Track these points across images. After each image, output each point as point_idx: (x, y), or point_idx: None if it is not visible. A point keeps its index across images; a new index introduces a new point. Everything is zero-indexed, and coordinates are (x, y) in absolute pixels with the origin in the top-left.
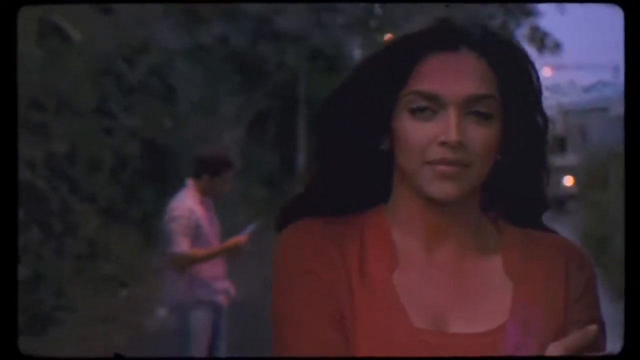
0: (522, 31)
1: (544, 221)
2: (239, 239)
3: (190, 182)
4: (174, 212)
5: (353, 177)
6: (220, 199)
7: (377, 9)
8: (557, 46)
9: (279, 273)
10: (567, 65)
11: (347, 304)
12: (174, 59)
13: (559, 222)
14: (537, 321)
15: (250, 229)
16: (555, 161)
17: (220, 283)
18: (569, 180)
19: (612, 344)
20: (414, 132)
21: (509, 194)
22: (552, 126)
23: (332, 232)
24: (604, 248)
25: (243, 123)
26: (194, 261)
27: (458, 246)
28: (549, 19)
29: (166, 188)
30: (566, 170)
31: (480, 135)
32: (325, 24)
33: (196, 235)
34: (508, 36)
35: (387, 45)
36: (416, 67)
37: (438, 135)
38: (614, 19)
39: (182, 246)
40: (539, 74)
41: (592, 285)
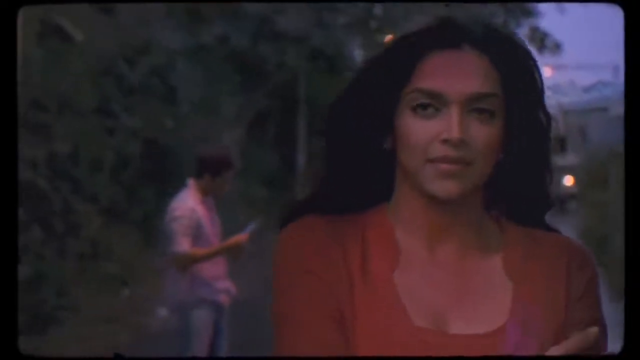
0: (522, 31)
1: (547, 220)
2: (239, 237)
3: (191, 182)
4: (175, 211)
5: (357, 177)
6: (221, 199)
7: (377, 9)
8: (557, 46)
9: (279, 272)
10: (567, 65)
11: (347, 303)
12: (175, 59)
13: (558, 222)
14: (537, 321)
15: (250, 227)
16: (555, 161)
17: (221, 282)
18: (569, 180)
19: (612, 344)
20: (416, 130)
21: (512, 192)
22: (554, 124)
23: (333, 230)
24: (604, 248)
25: (243, 123)
26: (195, 260)
27: (460, 245)
28: (549, 19)
29: (167, 188)
30: (566, 170)
31: (482, 133)
32: (325, 24)
33: (197, 235)
34: (510, 34)
35: (390, 45)
36: (418, 65)
37: (440, 133)
38: (614, 19)
39: (183, 246)
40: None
41: (594, 285)
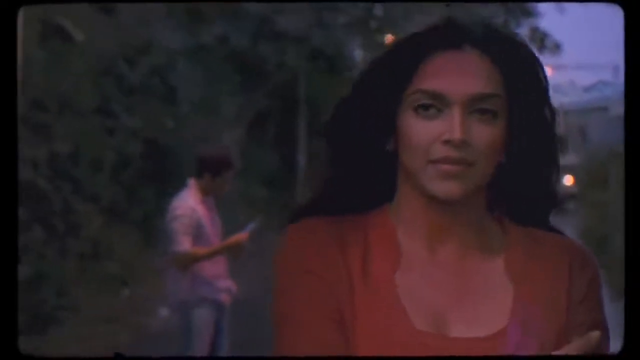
0: (522, 31)
1: (550, 221)
2: (240, 236)
3: (191, 182)
4: (176, 211)
5: (360, 179)
6: (221, 199)
7: (377, 9)
8: (556, 47)
9: (279, 273)
10: (567, 65)
11: (347, 304)
12: (175, 59)
13: (558, 222)
14: (538, 323)
15: (251, 226)
16: None
17: (222, 281)
18: (568, 180)
19: (612, 343)
20: (418, 131)
21: (516, 193)
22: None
23: (334, 231)
24: (604, 248)
25: (243, 123)
26: (196, 259)
27: (461, 246)
28: (549, 19)
29: (167, 188)
30: (566, 170)
31: (484, 134)
32: (325, 24)
33: (198, 235)
34: (512, 34)
35: (392, 46)
36: (420, 66)
37: (442, 134)
38: (614, 19)
39: (184, 245)
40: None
41: (596, 287)
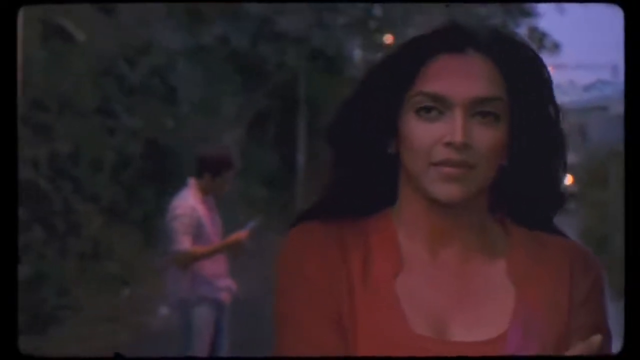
0: (521, 31)
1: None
2: (239, 235)
3: (192, 182)
4: (176, 210)
5: (362, 181)
6: (221, 199)
7: (377, 9)
8: (555, 46)
9: (280, 276)
10: (566, 64)
11: (347, 307)
12: (175, 59)
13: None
14: (539, 325)
15: (250, 225)
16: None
17: (222, 280)
18: (568, 179)
19: (612, 344)
20: (420, 133)
21: (519, 195)
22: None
23: (335, 234)
24: (603, 247)
25: (243, 123)
26: (196, 258)
27: (463, 249)
28: (548, 19)
29: (167, 188)
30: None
31: (486, 137)
32: (325, 24)
33: (198, 234)
34: (515, 36)
35: (394, 49)
36: (422, 69)
37: (443, 136)
38: (613, 18)
39: (184, 244)
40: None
41: (598, 290)
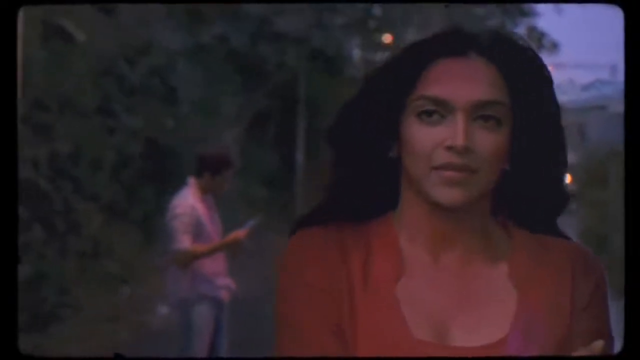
0: (519, 31)
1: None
2: (238, 233)
3: (191, 181)
4: (176, 209)
5: (364, 185)
6: (220, 198)
7: (376, 9)
8: (554, 46)
9: (280, 279)
10: (565, 64)
11: (346, 312)
12: (175, 59)
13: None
14: (540, 329)
15: (249, 224)
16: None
17: (221, 279)
18: (566, 179)
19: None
20: (421, 137)
21: (522, 200)
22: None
23: (336, 239)
24: (603, 247)
25: (243, 123)
26: (196, 257)
27: (464, 253)
28: (547, 18)
29: (167, 187)
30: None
31: (488, 141)
32: (324, 24)
33: (198, 233)
34: (518, 39)
35: (396, 53)
36: (424, 73)
37: (445, 140)
38: (611, 18)
39: (184, 243)
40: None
41: (601, 294)
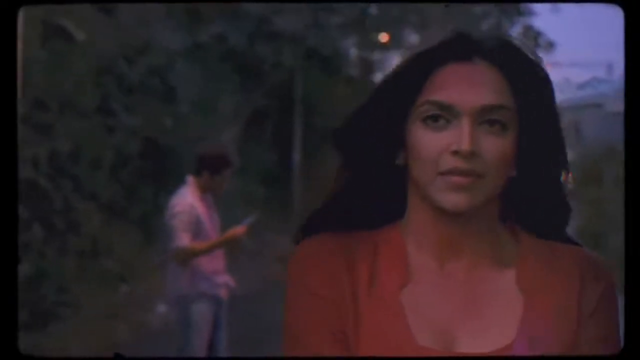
0: (516, 30)
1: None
2: (237, 230)
3: (190, 180)
4: (176, 208)
5: (372, 193)
6: (219, 197)
7: (373, 8)
8: (550, 45)
9: (287, 287)
10: (561, 62)
11: (351, 319)
12: (174, 58)
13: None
14: (546, 336)
15: (248, 221)
16: None
17: (220, 277)
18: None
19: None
20: (427, 142)
21: (530, 206)
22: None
23: (343, 246)
24: (598, 245)
25: (241, 122)
26: (195, 254)
27: (471, 258)
28: (543, 17)
29: (166, 186)
30: None
31: (494, 146)
32: (321, 24)
33: (197, 231)
34: (522, 45)
35: (402, 60)
36: (430, 78)
37: (451, 145)
38: (608, 17)
39: (184, 241)
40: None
41: (609, 300)
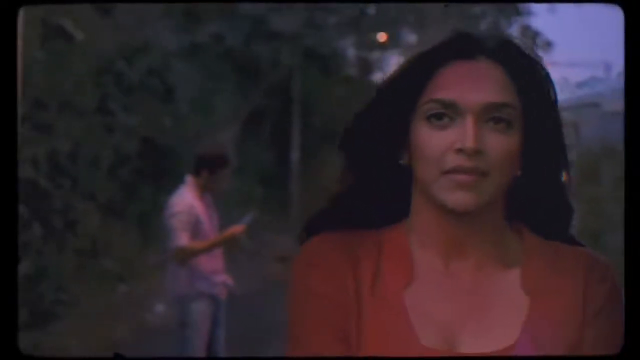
0: (514, 30)
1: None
2: (236, 229)
3: (189, 179)
4: (175, 207)
5: (376, 193)
6: (220, 197)
7: (370, 8)
8: (548, 45)
9: (291, 287)
10: (559, 62)
11: (354, 319)
12: (173, 58)
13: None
14: (549, 337)
15: (246, 219)
16: None
17: (219, 276)
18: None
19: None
20: (431, 141)
21: (535, 205)
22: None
23: (347, 246)
24: (597, 244)
25: (239, 121)
26: (194, 253)
27: (476, 258)
28: (541, 17)
29: (164, 185)
30: None
31: (499, 144)
32: (319, 23)
33: (196, 231)
34: (525, 45)
35: (405, 60)
36: (433, 77)
37: (455, 143)
38: (608, 17)
39: (183, 240)
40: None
41: (613, 301)
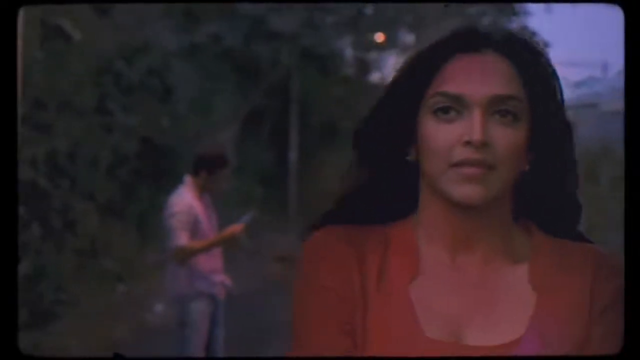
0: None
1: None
2: (235, 228)
3: (188, 179)
4: (174, 207)
5: (384, 190)
6: (218, 196)
7: (368, 8)
8: (546, 45)
9: (297, 280)
10: (558, 61)
11: (360, 312)
12: (172, 58)
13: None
14: (556, 333)
15: (246, 218)
16: None
17: (218, 276)
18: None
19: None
20: (438, 134)
21: (543, 201)
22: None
23: (354, 240)
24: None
25: (238, 121)
26: (193, 253)
27: (483, 254)
28: (539, 17)
29: (163, 185)
30: None
31: (506, 137)
32: (317, 23)
33: (195, 231)
34: (531, 39)
35: (412, 55)
36: (439, 71)
37: (462, 136)
38: (607, 17)
39: (182, 240)
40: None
41: (621, 298)
